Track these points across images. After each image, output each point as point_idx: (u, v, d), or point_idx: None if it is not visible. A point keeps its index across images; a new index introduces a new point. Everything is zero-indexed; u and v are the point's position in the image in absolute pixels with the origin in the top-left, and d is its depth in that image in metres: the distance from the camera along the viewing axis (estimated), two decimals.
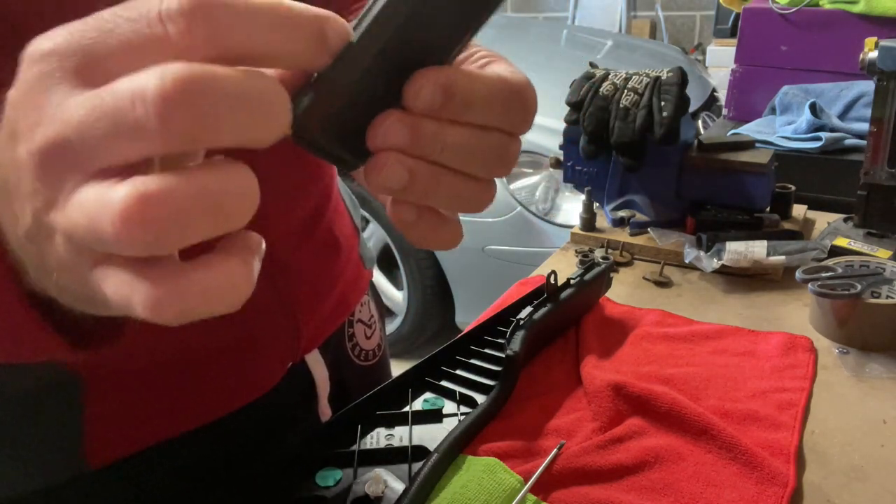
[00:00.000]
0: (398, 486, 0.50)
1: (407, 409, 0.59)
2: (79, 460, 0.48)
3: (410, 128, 0.27)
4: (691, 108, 0.95)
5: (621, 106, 0.91)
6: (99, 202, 0.21)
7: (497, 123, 0.29)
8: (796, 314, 0.78)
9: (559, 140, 1.00)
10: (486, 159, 0.29)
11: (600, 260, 0.82)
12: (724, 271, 0.84)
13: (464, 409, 0.60)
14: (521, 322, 0.65)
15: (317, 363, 0.62)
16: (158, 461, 0.52)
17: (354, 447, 0.55)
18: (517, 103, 0.29)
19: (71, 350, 0.31)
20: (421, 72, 0.26)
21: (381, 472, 0.51)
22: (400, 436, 0.56)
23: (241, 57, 0.23)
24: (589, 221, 0.99)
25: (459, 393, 0.61)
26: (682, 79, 0.91)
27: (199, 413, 0.53)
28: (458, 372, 0.64)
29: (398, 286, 2.35)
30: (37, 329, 0.29)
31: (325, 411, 0.64)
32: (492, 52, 0.33)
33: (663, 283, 0.86)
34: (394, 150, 0.27)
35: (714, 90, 2.58)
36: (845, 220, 0.93)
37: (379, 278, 2.39)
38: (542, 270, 0.90)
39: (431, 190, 0.28)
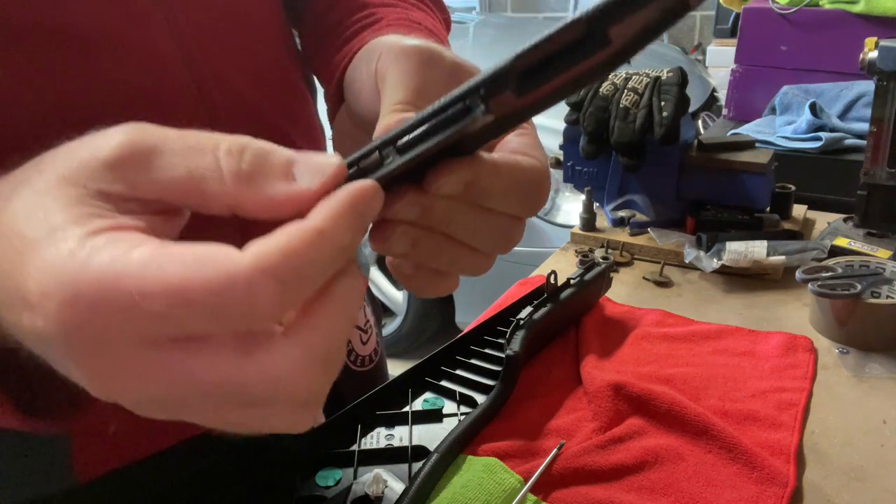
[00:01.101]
0: (398, 486, 0.50)
1: (407, 409, 0.59)
2: (68, 473, 0.47)
3: (423, 208, 0.28)
4: (691, 108, 0.95)
5: (621, 106, 0.91)
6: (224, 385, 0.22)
7: (509, 211, 0.30)
8: (796, 314, 0.78)
9: (559, 140, 1.00)
10: (492, 239, 0.30)
11: (600, 260, 0.82)
12: (724, 271, 0.84)
13: (464, 409, 0.60)
14: (521, 322, 0.65)
15: None
16: (159, 463, 0.52)
17: (354, 447, 0.55)
18: (533, 195, 0.31)
19: (25, 420, 0.29)
20: (447, 164, 0.26)
21: (381, 472, 0.51)
22: (400, 436, 0.56)
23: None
24: (589, 221, 0.99)
25: (459, 393, 0.61)
26: (682, 79, 0.91)
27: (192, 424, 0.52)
28: (458, 372, 0.64)
29: (398, 286, 2.35)
30: None
31: (319, 418, 0.64)
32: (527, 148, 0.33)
33: (663, 283, 0.86)
34: (402, 223, 0.27)
35: (714, 90, 2.58)
36: (845, 220, 0.93)
37: (379, 278, 2.39)
38: (542, 270, 0.90)
39: (432, 257, 0.29)
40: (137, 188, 0.24)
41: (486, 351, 0.67)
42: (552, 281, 0.69)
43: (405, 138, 0.25)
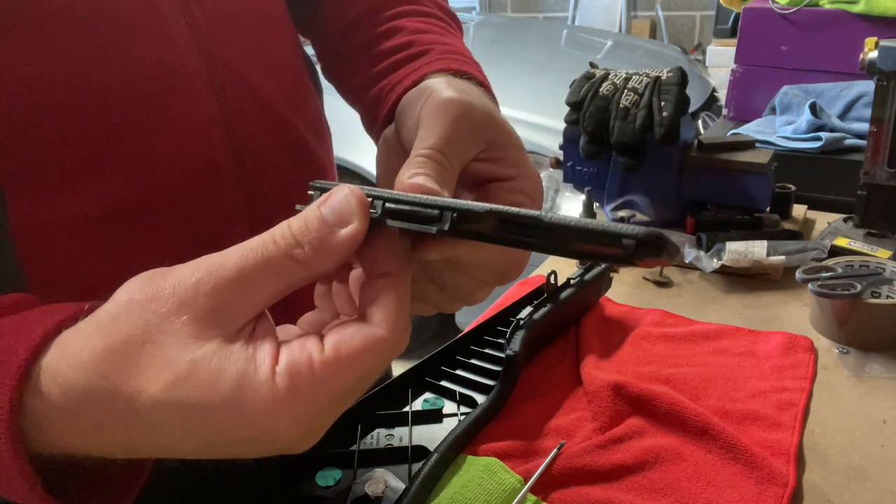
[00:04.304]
0: (398, 486, 0.50)
1: (407, 409, 0.59)
2: None
3: (415, 262, 0.34)
4: (691, 108, 0.95)
5: (621, 106, 0.91)
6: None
7: (479, 279, 0.37)
8: (796, 314, 0.78)
9: (559, 140, 1.00)
10: (462, 293, 0.38)
11: None
12: (724, 271, 0.84)
13: (464, 409, 0.60)
14: (521, 322, 0.65)
15: None
16: (156, 462, 0.52)
17: (354, 447, 0.55)
18: (501, 276, 0.38)
19: None
20: (436, 240, 0.31)
21: (381, 472, 0.51)
22: (400, 436, 0.56)
23: None
24: None
25: (459, 393, 0.61)
26: (682, 79, 0.91)
27: None
28: (458, 372, 0.64)
29: None
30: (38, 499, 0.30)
31: None
32: (526, 190, 0.41)
33: (663, 283, 0.86)
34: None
35: (714, 90, 2.57)
36: (845, 220, 0.93)
37: None
38: (542, 270, 0.90)
39: (417, 292, 0.37)
40: (251, 313, 0.29)
41: (486, 351, 0.67)
42: (552, 281, 0.69)
43: (391, 205, 0.30)
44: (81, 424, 0.28)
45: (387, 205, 0.30)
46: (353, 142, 1.39)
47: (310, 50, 0.65)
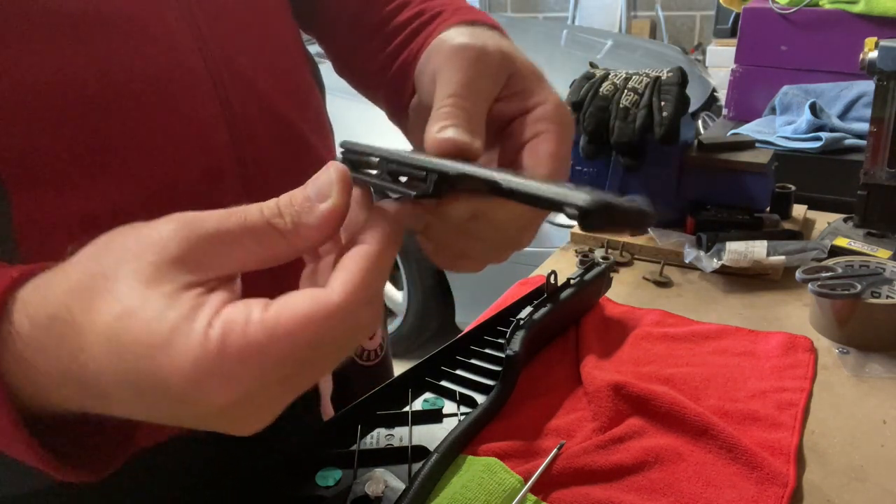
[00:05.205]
0: (398, 486, 0.50)
1: (407, 409, 0.59)
2: None
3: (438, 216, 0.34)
4: (691, 108, 0.95)
5: (621, 106, 0.91)
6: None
7: (501, 236, 0.37)
8: (796, 314, 0.78)
9: None
10: (487, 250, 0.38)
11: (600, 260, 0.82)
12: (724, 271, 0.84)
13: (464, 409, 0.60)
14: (521, 322, 0.65)
15: None
16: (159, 462, 0.52)
17: (354, 447, 0.55)
18: (515, 237, 0.39)
19: (70, 473, 0.31)
20: (466, 196, 0.32)
21: (381, 472, 0.51)
22: (400, 436, 0.56)
23: None
24: None
25: (459, 393, 0.61)
26: (682, 79, 0.91)
27: None
28: (458, 372, 0.64)
29: (398, 286, 2.35)
30: (35, 456, 0.30)
31: (328, 410, 0.64)
32: (547, 116, 0.39)
33: (663, 283, 0.86)
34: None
35: (714, 90, 2.57)
36: (845, 220, 0.93)
37: None
38: (542, 270, 0.90)
39: (446, 244, 0.37)
40: (219, 269, 0.28)
41: (486, 351, 0.67)
42: (552, 281, 0.69)
43: (391, 165, 0.32)
44: (43, 360, 0.28)
45: (389, 165, 0.32)
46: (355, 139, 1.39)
47: (311, 49, 0.65)
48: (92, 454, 0.33)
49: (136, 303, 0.26)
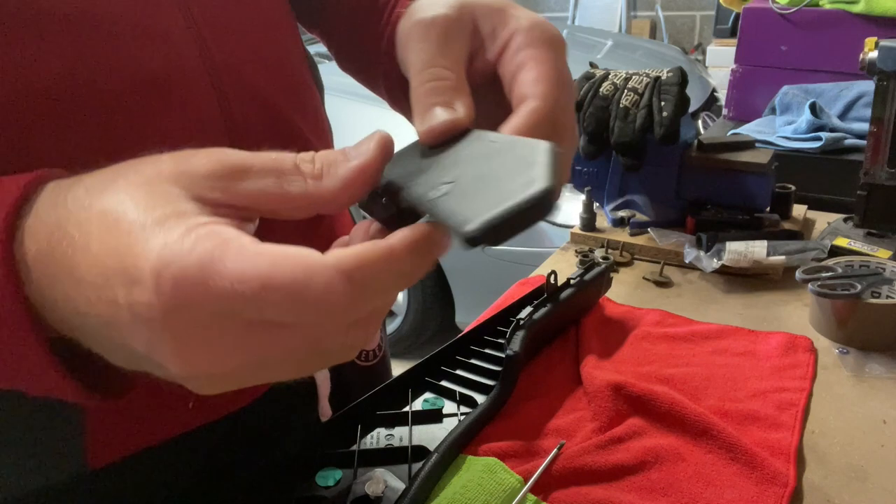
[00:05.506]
0: (398, 486, 0.50)
1: (407, 409, 0.59)
2: (80, 460, 0.48)
3: None
4: (691, 108, 0.95)
5: (621, 106, 0.91)
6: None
7: None
8: (796, 314, 0.78)
9: None
10: None
11: (600, 260, 0.82)
12: (724, 271, 0.84)
13: (464, 409, 0.60)
14: (521, 322, 0.65)
15: None
16: (159, 461, 0.52)
17: (354, 447, 0.55)
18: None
19: (86, 396, 0.31)
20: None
21: (381, 472, 0.51)
22: (400, 436, 0.56)
23: None
24: (589, 221, 0.99)
25: (459, 393, 0.61)
26: (682, 79, 0.91)
27: (201, 412, 0.53)
28: (458, 372, 0.64)
29: None
30: (57, 376, 0.30)
31: (326, 411, 0.64)
32: (521, 45, 0.37)
33: (663, 283, 0.86)
34: None
35: (714, 90, 2.58)
36: (845, 220, 0.93)
37: None
38: (542, 270, 0.90)
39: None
40: (232, 196, 0.28)
41: (486, 351, 0.67)
42: (552, 281, 0.69)
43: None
44: (47, 263, 0.28)
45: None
46: (352, 142, 1.39)
47: (311, 49, 0.65)
48: (99, 379, 0.33)
49: (139, 193, 0.27)
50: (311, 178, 0.29)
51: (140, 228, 0.25)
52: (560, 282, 0.70)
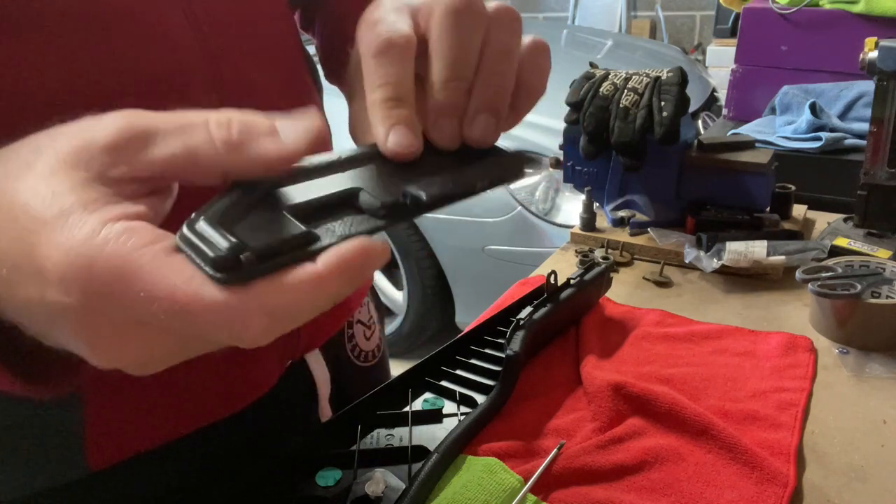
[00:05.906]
0: (398, 486, 0.50)
1: (407, 409, 0.59)
2: (80, 462, 0.48)
3: None
4: (691, 108, 0.95)
5: (621, 106, 0.91)
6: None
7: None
8: (796, 314, 0.78)
9: (559, 140, 1.00)
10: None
11: (600, 260, 0.82)
12: (724, 271, 0.84)
13: (464, 409, 0.59)
14: (521, 322, 0.65)
15: (317, 363, 0.62)
16: (160, 462, 0.52)
17: (354, 447, 0.55)
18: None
19: (25, 385, 0.31)
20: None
21: (381, 472, 0.51)
22: (400, 436, 0.56)
23: None
24: (589, 221, 0.99)
25: (459, 393, 0.61)
26: (682, 79, 0.91)
27: (200, 414, 0.53)
28: (458, 372, 0.64)
29: (398, 286, 2.35)
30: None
31: (326, 412, 0.64)
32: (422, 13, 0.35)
33: (663, 283, 0.86)
34: None
35: (714, 90, 2.58)
36: (845, 220, 0.93)
37: (379, 278, 2.39)
38: (542, 270, 0.90)
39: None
40: (137, 169, 0.26)
41: (486, 351, 0.67)
42: (552, 281, 0.69)
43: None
44: None
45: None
46: (351, 143, 1.39)
47: (311, 49, 0.65)
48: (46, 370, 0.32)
49: (45, 179, 0.25)
50: (224, 145, 0.27)
51: (42, 225, 0.25)
52: (560, 282, 0.70)
